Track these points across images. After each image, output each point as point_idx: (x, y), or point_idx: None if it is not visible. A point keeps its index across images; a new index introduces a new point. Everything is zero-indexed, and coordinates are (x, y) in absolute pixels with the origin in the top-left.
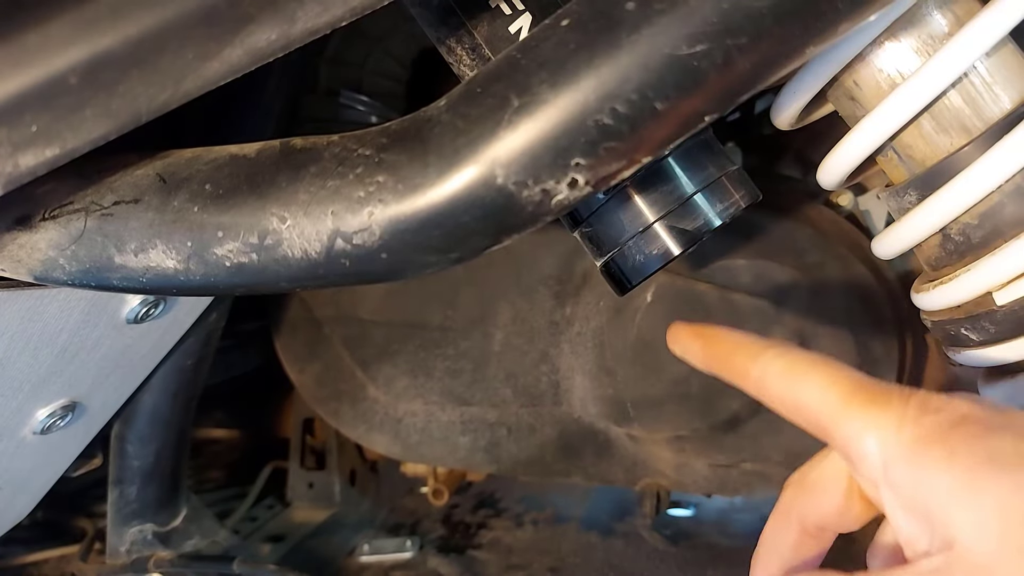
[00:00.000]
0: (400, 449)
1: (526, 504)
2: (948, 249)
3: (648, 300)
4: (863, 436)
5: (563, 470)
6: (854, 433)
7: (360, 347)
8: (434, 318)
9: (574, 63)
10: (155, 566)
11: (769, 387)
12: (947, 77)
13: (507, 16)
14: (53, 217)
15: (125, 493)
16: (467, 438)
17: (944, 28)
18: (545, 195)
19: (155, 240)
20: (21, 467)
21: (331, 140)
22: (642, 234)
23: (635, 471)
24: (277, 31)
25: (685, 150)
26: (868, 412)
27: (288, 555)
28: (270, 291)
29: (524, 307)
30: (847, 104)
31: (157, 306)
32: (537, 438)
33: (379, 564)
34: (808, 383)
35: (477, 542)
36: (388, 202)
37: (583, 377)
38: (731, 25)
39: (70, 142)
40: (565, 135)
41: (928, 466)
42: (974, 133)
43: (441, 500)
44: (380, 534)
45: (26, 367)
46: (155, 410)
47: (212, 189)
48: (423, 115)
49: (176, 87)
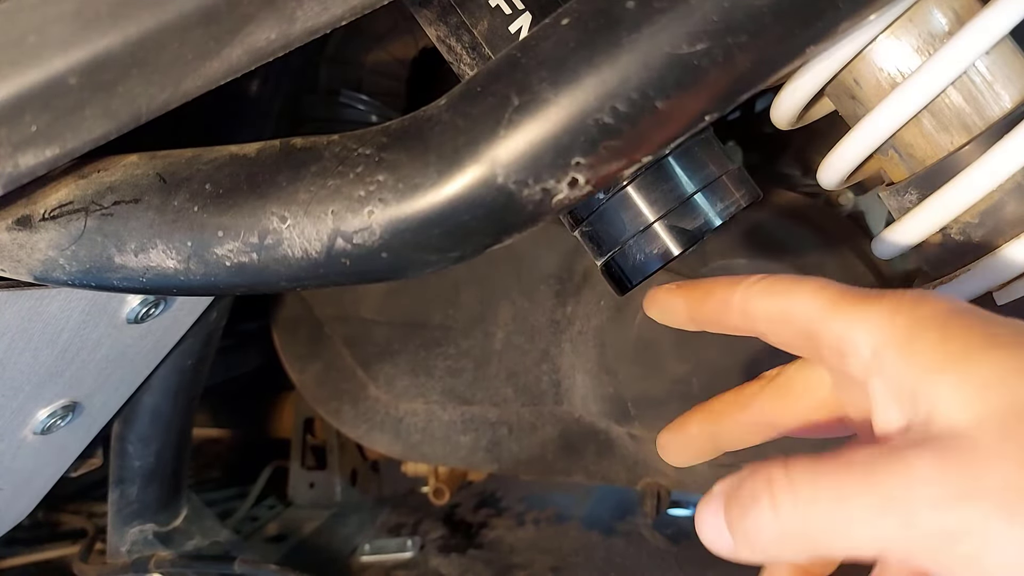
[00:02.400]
0: (401, 448)
1: (527, 503)
2: (948, 248)
3: None
4: (854, 327)
5: (564, 469)
6: (844, 326)
7: (361, 346)
8: (435, 317)
9: (574, 62)
10: (156, 566)
11: (754, 307)
12: (948, 76)
13: (507, 15)
14: (53, 217)
15: (126, 493)
16: (468, 437)
17: (944, 27)
18: (545, 194)
19: (155, 240)
20: (21, 467)
21: (331, 139)
22: (642, 233)
23: (636, 470)
24: (277, 31)
25: (685, 149)
26: (859, 306)
27: (289, 555)
28: (270, 291)
29: (525, 306)
30: (847, 103)
31: (157, 306)
32: (538, 437)
33: (380, 564)
34: (795, 293)
35: (478, 541)
36: (388, 201)
37: (584, 376)
38: (732, 24)
39: (70, 142)
40: (565, 134)
41: (920, 349)
42: (975, 132)
43: (442, 499)
44: (381, 534)
45: (26, 367)
46: (155, 410)
47: (212, 189)
48: (423, 114)
49: (176, 87)
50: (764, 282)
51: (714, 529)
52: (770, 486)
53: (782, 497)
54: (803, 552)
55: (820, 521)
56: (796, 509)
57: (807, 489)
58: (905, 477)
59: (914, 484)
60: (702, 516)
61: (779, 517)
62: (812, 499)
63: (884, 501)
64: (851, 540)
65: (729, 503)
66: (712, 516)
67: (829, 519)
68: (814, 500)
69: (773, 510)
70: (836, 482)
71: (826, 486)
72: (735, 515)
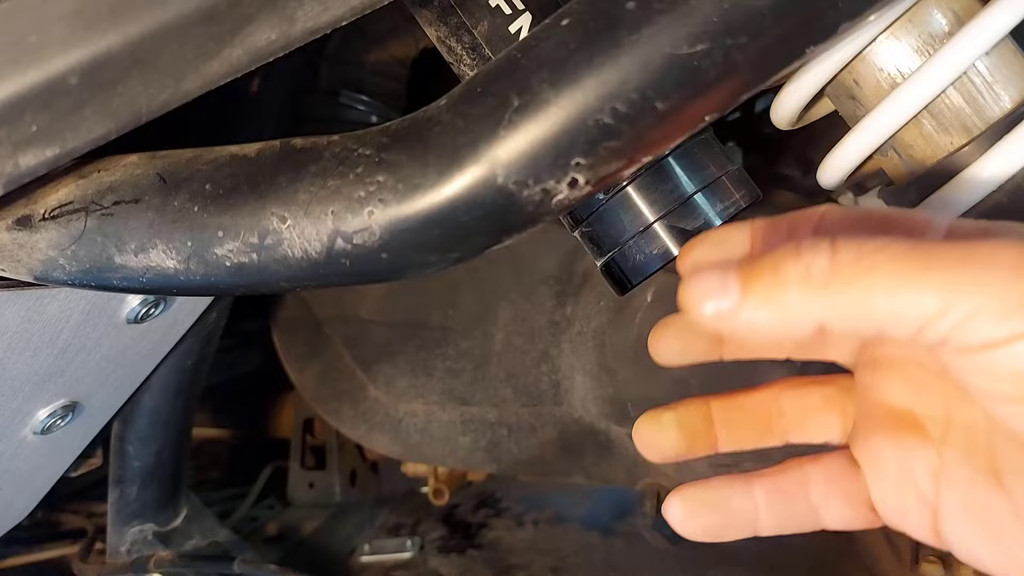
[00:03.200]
0: (400, 449)
1: (527, 504)
2: None
3: (648, 300)
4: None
5: (564, 470)
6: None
7: (360, 347)
8: (434, 318)
9: (574, 62)
10: (155, 566)
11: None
12: (947, 76)
13: (507, 15)
14: (53, 217)
15: (125, 493)
16: (467, 438)
17: (944, 27)
18: (545, 195)
19: (155, 240)
20: (21, 467)
21: (331, 140)
22: (642, 234)
23: (636, 471)
24: (277, 31)
25: (685, 150)
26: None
27: (289, 555)
28: (270, 291)
29: (524, 307)
30: (847, 103)
31: (157, 306)
32: (538, 438)
33: (380, 564)
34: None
35: (478, 542)
36: (388, 202)
37: (584, 377)
38: (732, 25)
39: (70, 142)
40: (565, 135)
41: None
42: (975, 132)
43: (442, 500)
44: (380, 534)
45: (26, 367)
46: (155, 410)
47: (212, 189)
48: (423, 115)
49: (176, 87)
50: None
51: (717, 285)
52: (820, 250)
53: (846, 253)
54: (844, 320)
55: (881, 284)
56: (860, 267)
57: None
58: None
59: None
60: (704, 274)
61: (837, 262)
62: (875, 263)
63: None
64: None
65: (760, 264)
66: (716, 274)
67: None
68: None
69: (832, 254)
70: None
71: (897, 251)
72: (764, 272)
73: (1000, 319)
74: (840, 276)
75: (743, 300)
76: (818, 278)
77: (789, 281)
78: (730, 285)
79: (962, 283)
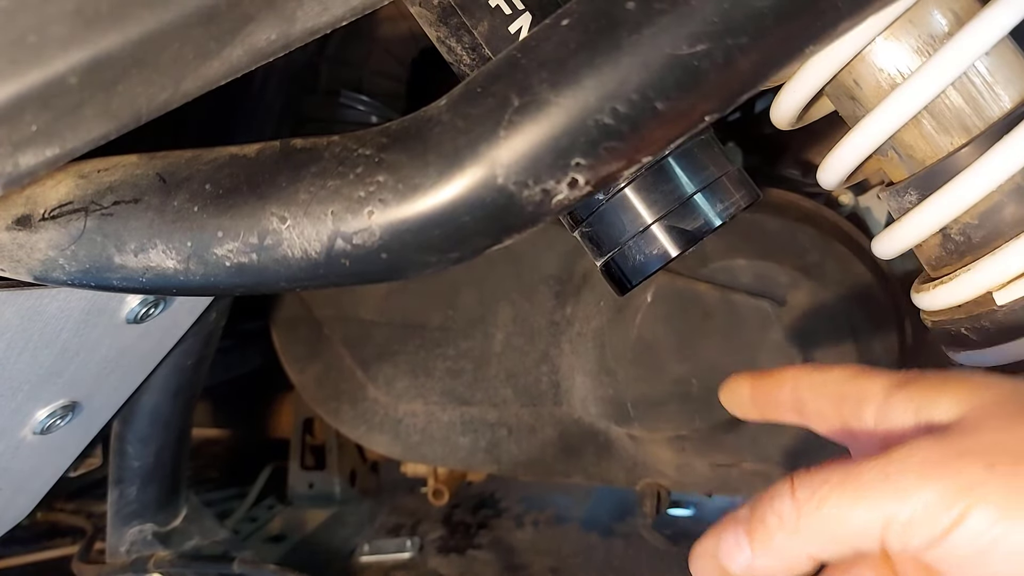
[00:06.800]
0: (400, 449)
1: (526, 504)
2: (948, 249)
3: (648, 300)
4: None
5: (564, 470)
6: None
7: (360, 347)
8: (434, 318)
9: (575, 63)
10: (155, 566)
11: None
12: (947, 76)
13: (507, 16)
14: (53, 217)
15: (125, 493)
16: (467, 438)
17: (944, 27)
18: (545, 195)
19: (155, 240)
20: (21, 467)
21: (331, 140)
22: (642, 234)
23: (636, 471)
24: (277, 31)
25: (685, 150)
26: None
27: (288, 555)
28: (270, 291)
29: (524, 307)
30: (847, 104)
31: (157, 306)
32: (537, 438)
33: (379, 564)
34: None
35: (477, 542)
36: (388, 202)
37: (584, 377)
38: (732, 25)
39: (70, 142)
40: (565, 135)
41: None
42: (974, 132)
43: (441, 500)
44: (380, 534)
45: (26, 367)
46: (155, 410)
47: (212, 189)
48: (423, 115)
49: (176, 87)
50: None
51: (735, 544)
52: (783, 496)
53: (801, 493)
54: (823, 549)
55: (832, 515)
56: (812, 504)
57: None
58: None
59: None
60: (724, 534)
61: (797, 502)
62: (822, 496)
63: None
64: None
65: (753, 518)
66: (732, 534)
67: (840, 511)
68: (826, 496)
69: (794, 508)
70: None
71: (835, 482)
72: (756, 526)
73: (941, 510)
74: (803, 515)
75: (754, 556)
76: (789, 522)
77: (771, 529)
78: (743, 543)
79: (889, 498)
